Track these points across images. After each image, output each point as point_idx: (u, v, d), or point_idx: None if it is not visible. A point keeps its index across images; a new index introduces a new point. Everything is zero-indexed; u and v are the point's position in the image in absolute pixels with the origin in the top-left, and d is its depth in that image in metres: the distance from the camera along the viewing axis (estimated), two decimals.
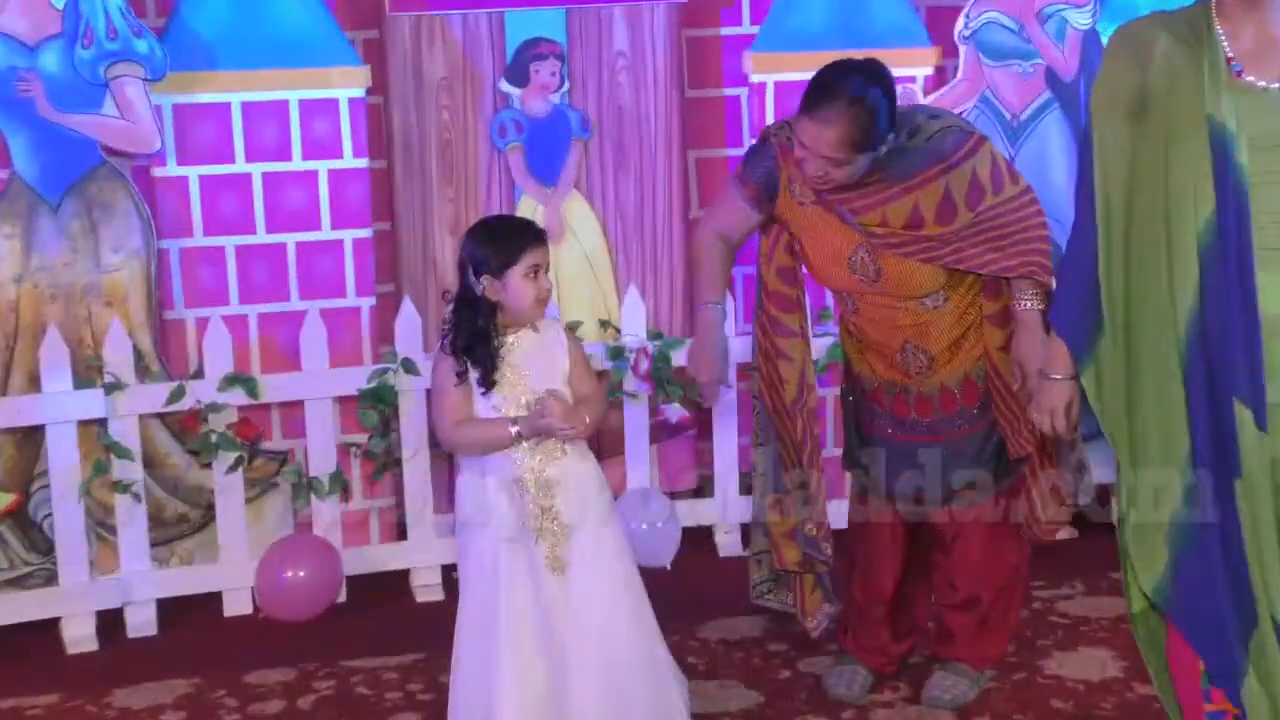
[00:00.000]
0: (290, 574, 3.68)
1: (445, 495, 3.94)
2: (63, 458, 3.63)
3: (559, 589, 2.74)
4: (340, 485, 3.86)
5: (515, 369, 2.79)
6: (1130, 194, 2.36)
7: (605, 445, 4.09)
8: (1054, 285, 2.84)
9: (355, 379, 3.82)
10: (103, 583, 3.67)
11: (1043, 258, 2.95)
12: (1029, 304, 2.96)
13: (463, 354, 2.75)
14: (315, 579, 3.69)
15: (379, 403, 3.82)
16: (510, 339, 2.79)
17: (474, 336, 2.73)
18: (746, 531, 3.83)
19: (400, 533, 3.98)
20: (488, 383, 2.74)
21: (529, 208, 4.15)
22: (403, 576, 3.94)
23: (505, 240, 2.78)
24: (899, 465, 3.10)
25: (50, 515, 3.67)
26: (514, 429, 2.76)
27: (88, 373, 3.68)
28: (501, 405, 2.77)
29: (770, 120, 4.07)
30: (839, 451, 3.41)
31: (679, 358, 3.95)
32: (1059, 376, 2.51)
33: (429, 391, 3.86)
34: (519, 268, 2.75)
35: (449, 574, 3.84)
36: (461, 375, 2.75)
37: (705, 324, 3.06)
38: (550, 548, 2.78)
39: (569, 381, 2.85)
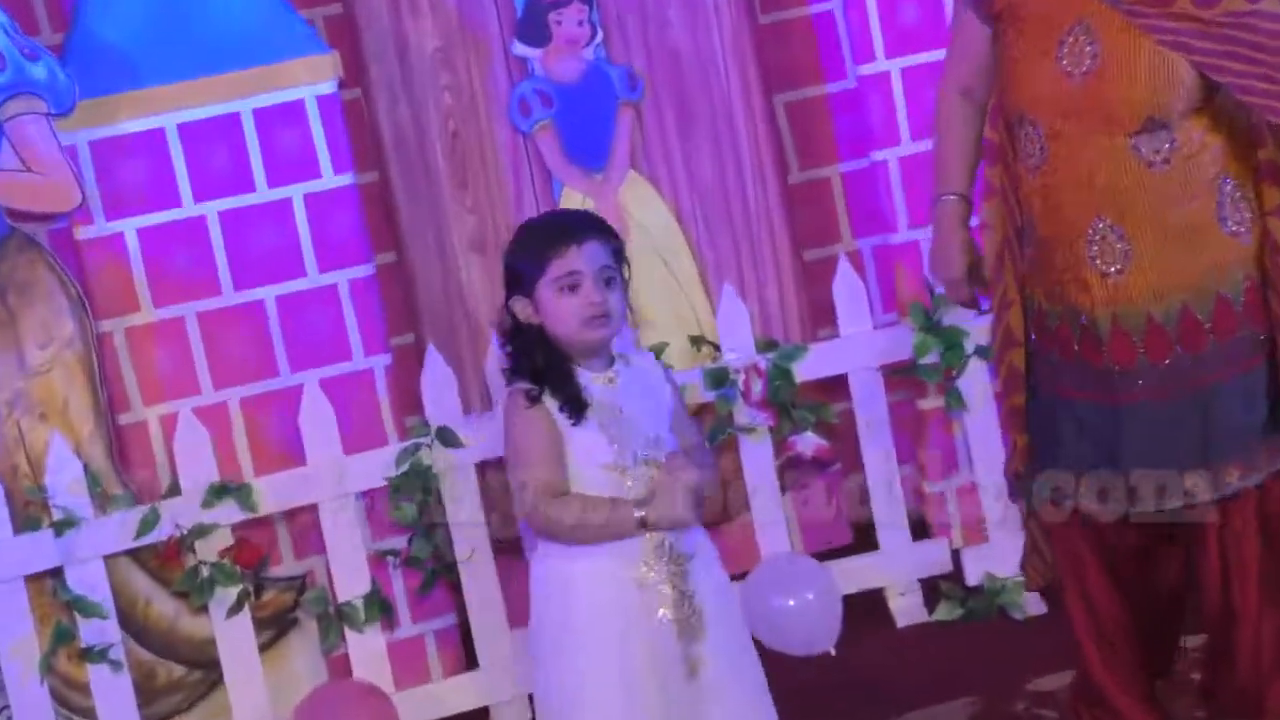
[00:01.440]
0: None
1: (518, 600, 3.84)
2: (12, 628, 3.59)
3: (690, 696, 2.75)
4: (380, 609, 3.82)
5: (613, 410, 2.78)
6: None
7: (730, 498, 4.13)
8: None
9: (379, 465, 3.79)
10: None
11: None
12: None
13: (530, 378, 2.78)
14: None
15: (415, 492, 3.77)
16: (595, 375, 2.79)
17: (538, 370, 2.77)
18: (930, 591, 3.92)
19: (469, 659, 3.93)
20: (574, 409, 2.74)
21: (573, 203, 4.12)
22: (479, 718, 3.87)
23: (528, 244, 2.81)
24: (1117, 437, 2.95)
25: (6, 709, 3.64)
26: (640, 514, 2.73)
27: (29, 511, 3.66)
28: (607, 454, 2.75)
29: (878, 37, 4.03)
30: None
31: (804, 370, 3.95)
32: None
33: (481, 466, 3.80)
34: (546, 279, 2.75)
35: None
36: (535, 399, 2.75)
37: (944, 222, 3.11)
38: (687, 645, 2.76)
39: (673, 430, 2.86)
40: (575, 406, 2.75)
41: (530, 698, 3.79)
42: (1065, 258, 2.97)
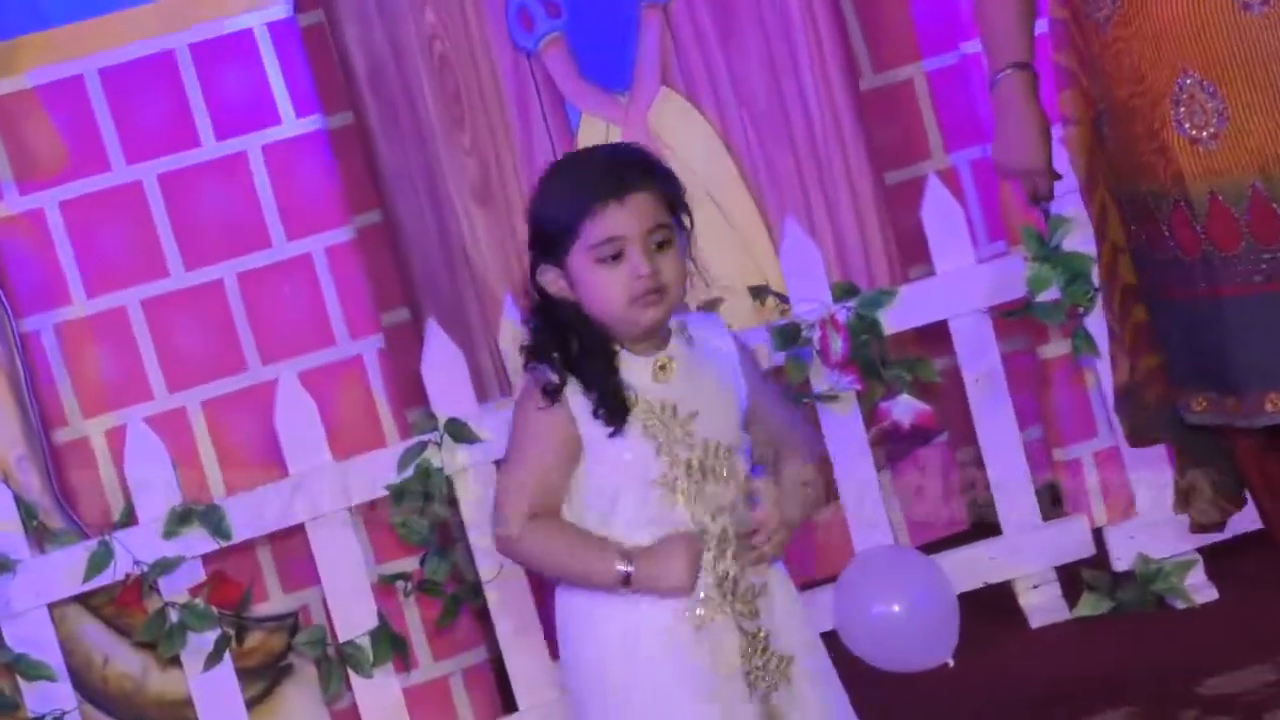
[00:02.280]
0: None
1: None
2: None
3: None
4: (392, 647, 3.80)
5: (664, 408, 2.64)
6: None
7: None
8: None
9: (377, 471, 3.79)
10: None
11: None
12: None
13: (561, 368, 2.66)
14: None
15: (423, 500, 3.76)
16: (644, 363, 2.65)
17: (571, 358, 2.65)
18: (1069, 581, 3.95)
19: (506, 701, 3.94)
20: (615, 418, 2.62)
21: (596, 135, 4.16)
22: None
23: (554, 198, 2.66)
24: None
25: None
26: (623, 568, 2.62)
27: None
28: (654, 467, 2.63)
29: None
30: None
31: (893, 319, 3.93)
32: None
33: (501, 463, 3.74)
34: (579, 246, 2.61)
35: None
36: (553, 394, 2.63)
37: (1011, 100, 3.13)
38: (764, 699, 2.67)
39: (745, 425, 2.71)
40: (615, 413, 2.62)
41: None
42: (1146, 125, 2.99)
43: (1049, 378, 4.08)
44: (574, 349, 2.63)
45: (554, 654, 3.67)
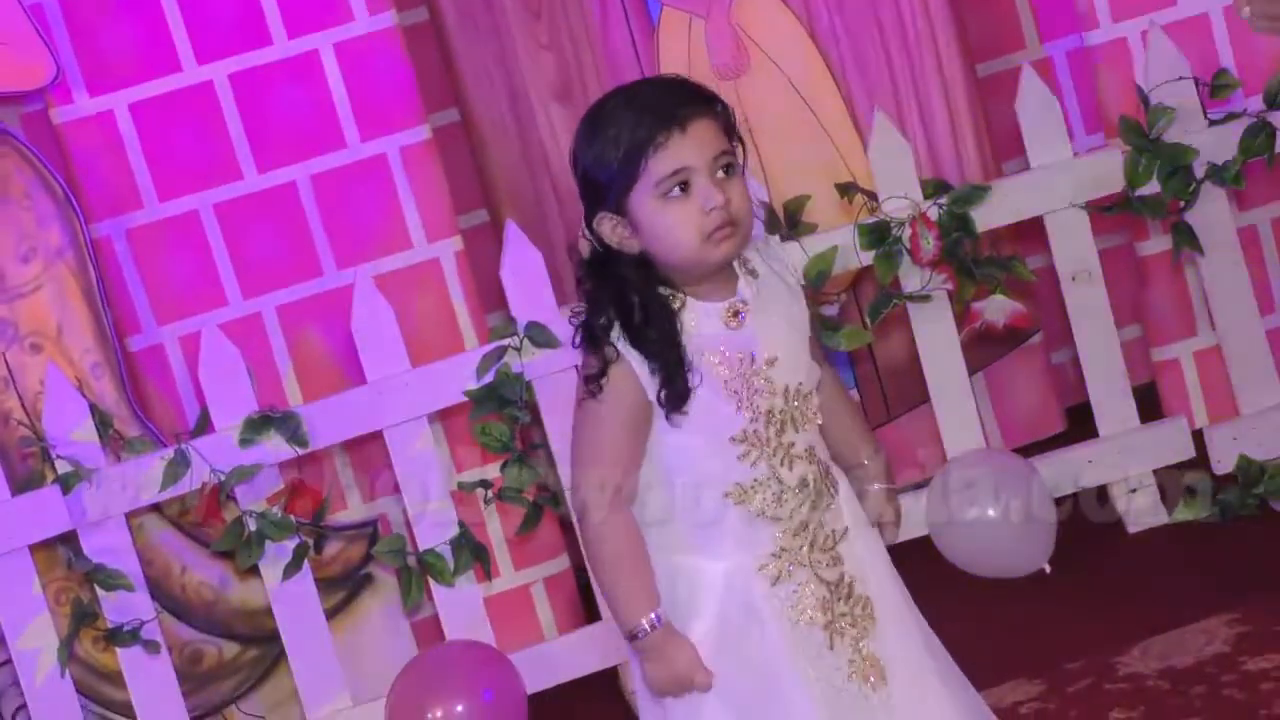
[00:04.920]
0: (441, 713, 3.59)
1: None
2: (20, 610, 3.66)
3: (878, 713, 2.63)
4: (473, 556, 3.84)
5: (742, 356, 2.57)
6: None
7: (890, 392, 4.16)
8: None
9: (456, 377, 3.80)
10: None
11: None
12: None
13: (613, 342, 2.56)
14: (487, 713, 3.62)
15: (503, 406, 3.78)
16: (717, 310, 2.57)
17: (635, 326, 2.55)
18: (1169, 485, 3.98)
19: (589, 610, 3.97)
20: (674, 394, 2.53)
21: (677, 29, 4.15)
22: (608, 680, 3.92)
23: (608, 138, 2.53)
24: None
25: (23, 709, 3.73)
26: (647, 621, 2.59)
27: (28, 466, 3.72)
28: (735, 421, 2.57)
29: None
30: None
31: (986, 215, 3.93)
32: None
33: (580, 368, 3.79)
34: (643, 184, 2.51)
35: None
36: (594, 382, 2.55)
37: None
38: (854, 646, 2.62)
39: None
40: (676, 398, 2.54)
41: None
42: None
43: (1148, 275, 4.07)
44: (637, 313, 2.54)
45: None
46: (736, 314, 2.57)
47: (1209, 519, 3.93)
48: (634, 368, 2.53)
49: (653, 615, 2.58)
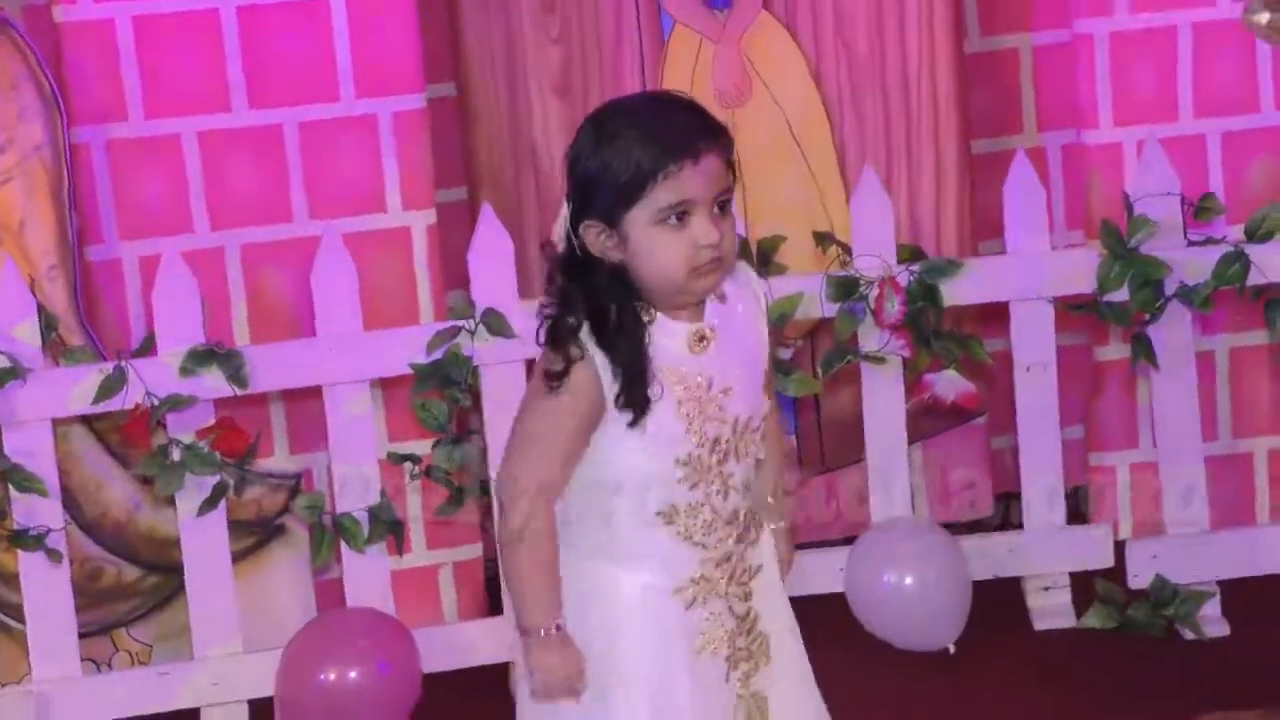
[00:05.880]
0: (334, 676, 3.65)
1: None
2: None
3: None
4: (389, 528, 3.82)
5: (700, 380, 2.58)
6: None
7: (828, 445, 4.13)
8: None
9: (406, 348, 3.79)
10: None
11: None
12: None
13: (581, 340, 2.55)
14: (379, 681, 3.67)
15: (446, 386, 3.76)
16: (685, 330, 2.58)
17: (604, 327, 2.54)
18: (1081, 589, 3.96)
19: (493, 602, 3.96)
20: (634, 401, 2.53)
21: (686, 49, 4.16)
22: (499, 675, 3.86)
23: (622, 151, 2.51)
24: None
25: None
26: (547, 630, 2.61)
27: None
28: (683, 444, 2.58)
29: None
30: None
31: (954, 291, 3.92)
32: None
33: (532, 364, 3.77)
34: (644, 206, 2.50)
35: None
36: (556, 379, 2.54)
37: None
38: (744, 681, 2.66)
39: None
40: (638, 408, 2.54)
41: None
42: None
43: (1101, 380, 4.07)
44: (611, 319, 2.53)
45: None
46: (702, 339, 2.58)
47: (1115, 630, 3.92)
48: (597, 369, 2.53)
49: (557, 622, 2.59)
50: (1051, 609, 3.99)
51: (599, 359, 2.53)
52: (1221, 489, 3.99)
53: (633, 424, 2.54)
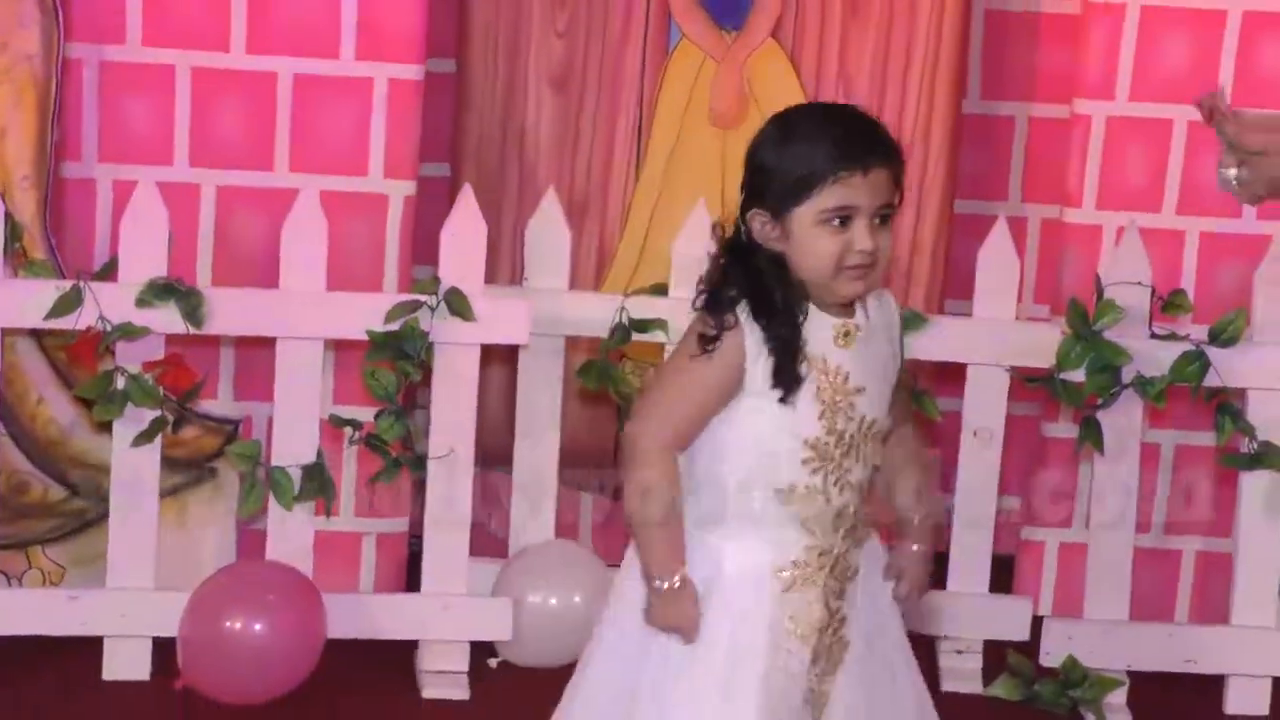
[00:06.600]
0: (239, 625, 3.66)
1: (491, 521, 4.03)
2: None
3: None
4: (320, 489, 3.83)
5: (838, 374, 2.75)
6: None
7: None
8: None
9: (365, 314, 3.79)
10: None
11: None
12: None
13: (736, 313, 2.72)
14: (282, 638, 3.68)
15: (399, 358, 3.77)
16: (832, 324, 2.75)
17: (768, 307, 2.72)
18: (993, 658, 3.97)
19: (412, 579, 3.97)
20: (788, 380, 2.70)
21: (688, 64, 4.18)
22: (405, 651, 3.90)
23: (800, 152, 2.70)
24: None
25: None
26: (668, 583, 2.73)
27: None
28: (814, 427, 2.73)
29: None
30: None
31: (915, 345, 3.86)
32: None
33: (488, 352, 3.90)
34: (810, 204, 2.68)
35: (479, 658, 3.90)
36: (709, 341, 2.71)
37: None
38: (818, 677, 2.80)
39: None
40: (791, 383, 2.71)
41: (472, 645, 3.90)
42: None
43: (1044, 455, 4.09)
44: (775, 298, 2.70)
45: (475, 550, 3.86)
46: (848, 334, 2.74)
47: (1019, 704, 3.91)
48: (746, 340, 2.69)
49: (681, 574, 2.72)
50: (961, 672, 4.00)
51: (750, 332, 2.69)
52: (1145, 582, 4.01)
53: (783, 399, 2.69)
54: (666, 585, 2.72)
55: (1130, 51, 3.98)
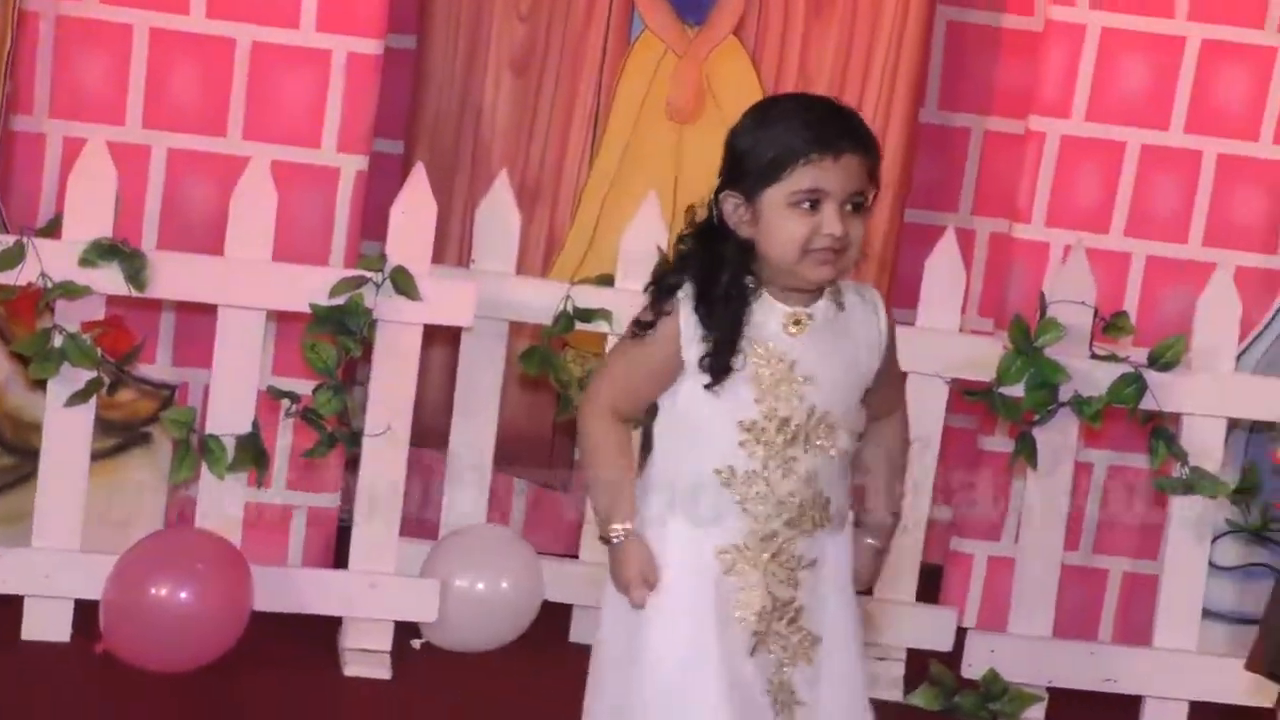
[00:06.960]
0: (164, 592, 3.66)
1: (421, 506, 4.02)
2: None
3: None
4: (254, 459, 3.82)
5: (782, 361, 2.76)
6: None
7: None
8: None
9: (309, 287, 3.78)
10: None
11: None
12: None
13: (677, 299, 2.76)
14: (207, 607, 3.68)
15: (341, 333, 3.76)
16: (785, 312, 2.76)
17: (710, 293, 2.75)
18: (915, 667, 3.97)
19: (339, 555, 3.96)
20: (716, 367, 2.74)
21: (649, 56, 4.19)
22: (330, 628, 3.89)
23: (771, 133, 2.74)
24: None
25: None
26: (617, 534, 2.80)
27: None
28: (750, 410, 2.76)
29: None
30: None
31: None
32: None
33: (430, 333, 3.89)
34: (780, 187, 2.71)
35: (403, 638, 3.89)
36: (644, 328, 2.78)
37: None
38: (776, 669, 2.80)
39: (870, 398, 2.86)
40: (718, 371, 2.74)
41: (396, 625, 3.89)
42: None
43: (979, 469, 4.10)
44: (719, 287, 2.73)
45: (405, 531, 3.87)
46: (798, 322, 2.76)
47: (938, 713, 3.92)
48: (681, 327, 2.73)
49: (626, 526, 2.77)
50: (883, 679, 3.98)
51: (685, 319, 2.73)
52: (1071, 599, 4.03)
53: (709, 387, 2.73)
54: (614, 539, 2.77)
55: (1089, 71, 4.00)
